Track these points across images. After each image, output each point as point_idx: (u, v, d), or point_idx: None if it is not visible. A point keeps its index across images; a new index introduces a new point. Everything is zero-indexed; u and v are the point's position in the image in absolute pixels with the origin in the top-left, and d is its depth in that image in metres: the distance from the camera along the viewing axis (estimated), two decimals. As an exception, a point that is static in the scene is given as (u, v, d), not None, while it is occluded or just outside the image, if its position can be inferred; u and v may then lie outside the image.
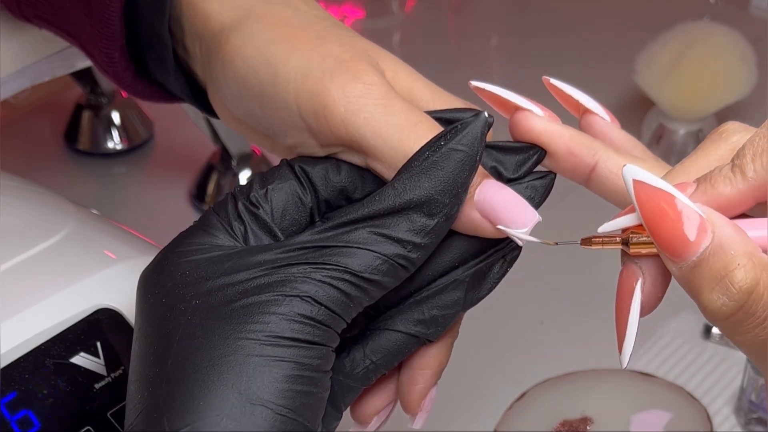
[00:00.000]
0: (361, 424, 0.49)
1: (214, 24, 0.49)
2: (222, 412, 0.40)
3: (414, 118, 0.44)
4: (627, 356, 0.41)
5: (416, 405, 0.48)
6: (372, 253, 0.43)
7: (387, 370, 0.47)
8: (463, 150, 0.43)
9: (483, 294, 0.47)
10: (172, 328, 0.42)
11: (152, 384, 0.42)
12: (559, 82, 0.49)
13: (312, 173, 0.45)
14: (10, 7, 0.57)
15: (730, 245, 0.39)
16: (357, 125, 0.44)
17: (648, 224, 0.39)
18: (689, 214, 0.39)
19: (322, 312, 0.42)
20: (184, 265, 0.43)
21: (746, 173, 0.40)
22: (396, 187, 0.43)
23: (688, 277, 0.39)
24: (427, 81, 0.48)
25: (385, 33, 1.16)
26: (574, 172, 0.46)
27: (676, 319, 0.83)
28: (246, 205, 0.45)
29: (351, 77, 0.45)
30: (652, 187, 0.39)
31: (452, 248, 0.46)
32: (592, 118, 0.48)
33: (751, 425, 0.75)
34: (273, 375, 0.41)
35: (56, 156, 0.98)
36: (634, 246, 0.41)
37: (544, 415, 0.73)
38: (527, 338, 0.82)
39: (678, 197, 0.39)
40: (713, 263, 0.39)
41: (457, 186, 0.43)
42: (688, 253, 0.39)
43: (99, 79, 0.96)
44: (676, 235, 0.39)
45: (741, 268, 0.38)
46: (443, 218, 0.43)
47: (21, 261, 0.53)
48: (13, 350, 0.50)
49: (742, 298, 0.38)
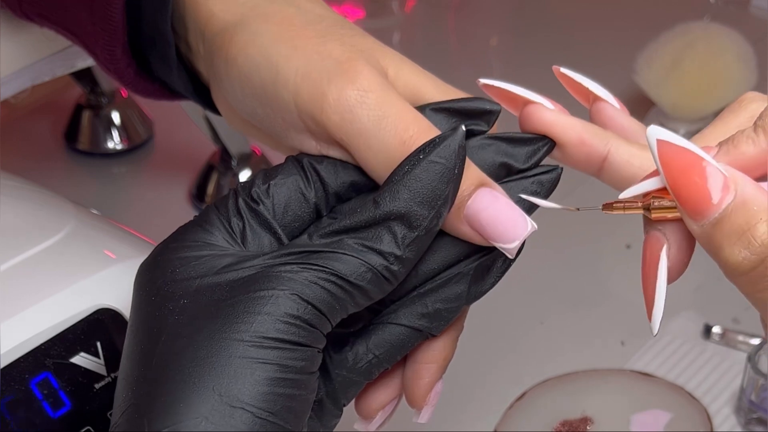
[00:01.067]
0: (365, 419, 0.49)
1: (218, 22, 0.49)
2: (202, 414, 0.40)
3: (404, 135, 0.45)
4: (657, 323, 0.42)
5: (422, 399, 0.48)
6: (359, 261, 0.43)
7: (390, 365, 0.47)
8: (441, 162, 0.43)
9: (486, 288, 0.47)
10: (160, 327, 0.42)
11: (136, 383, 0.42)
12: (569, 71, 0.49)
13: (320, 167, 0.46)
14: (11, 6, 0.57)
15: (753, 201, 0.39)
16: (350, 135, 0.45)
17: (671, 183, 0.40)
18: (712, 172, 0.39)
19: (308, 311, 0.42)
20: (175, 261, 0.44)
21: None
22: (377, 200, 0.44)
23: (709, 234, 0.39)
24: (431, 76, 0.49)
25: (385, 33, 1.16)
26: (587, 161, 0.46)
27: (676, 319, 0.83)
28: (246, 201, 0.45)
29: (347, 82, 0.45)
30: (676, 146, 0.40)
31: (456, 242, 0.46)
32: (602, 105, 0.48)
33: (751, 425, 0.75)
34: (255, 377, 0.41)
35: (56, 156, 0.98)
36: (656, 210, 0.41)
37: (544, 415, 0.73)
38: (527, 338, 0.82)
39: (702, 155, 0.39)
40: (735, 219, 0.39)
41: (436, 198, 0.43)
42: (710, 210, 0.39)
43: (99, 79, 0.96)
44: (699, 194, 0.39)
45: (763, 223, 0.39)
46: (423, 231, 0.44)
47: (21, 261, 0.53)
48: (13, 350, 0.50)
49: (764, 252, 0.39)
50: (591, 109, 0.49)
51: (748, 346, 0.80)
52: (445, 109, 0.46)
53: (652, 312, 0.42)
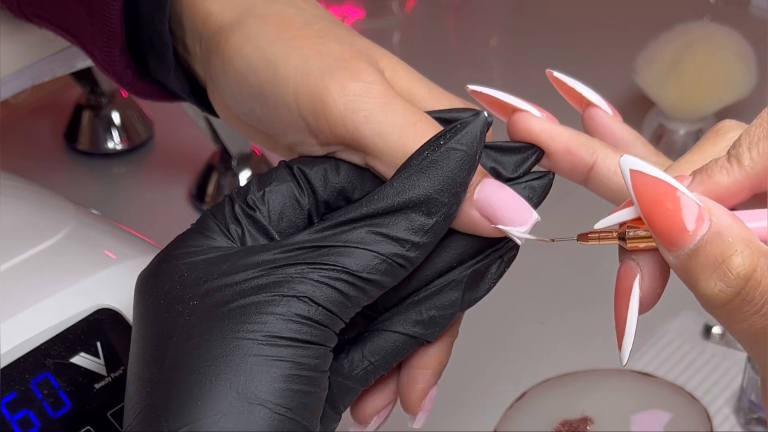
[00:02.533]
0: (360, 423, 0.49)
1: (215, 22, 0.49)
2: (220, 411, 0.40)
3: (414, 117, 0.44)
4: (626, 354, 0.41)
5: (416, 405, 0.48)
6: (370, 253, 0.43)
7: (385, 371, 0.47)
8: (462, 149, 0.43)
9: (481, 294, 0.47)
10: (170, 329, 0.42)
11: (150, 385, 0.42)
12: (563, 75, 0.49)
13: (310, 174, 0.45)
14: (10, 6, 0.57)
15: (728, 233, 0.39)
16: (356, 124, 0.44)
17: (645, 214, 0.39)
18: (687, 202, 0.39)
19: (319, 312, 0.42)
20: (181, 267, 0.43)
21: (742, 162, 0.40)
22: (395, 186, 0.43)
23: (685, 265, 0.39)
24: (426, 81, 0.48)
25: (385, 33, 1.16)
26: (572, 170, 0.46)
27: (676, 319, 0.83)
28: (243, 208, 0.45)
29: (350, 76, 0.45)
30: (649, 176, 0.39)
31: (450, 249, 0.46)
32: (595, 111, 0.48)
33: (751, 425, 0.75)
34: (271, 374, 0.41)
35: (56, 156, 0.98)
36: (631, 240, 0.41)
37: (544, 415, 0.73)
38: (527, 338, 0.82)
39: (676, 186, 0.39)
40: (710, 250, 0.39)
41: (456, 185, 0.43)
42: (685, 241, 0.39)
43: (99, 79, 0.96)
44: (674, 224, 0.39)
45: (738, 254, 0.38)
46: (442, 217, 0.43)
47: (21, 261, 0.53)
48: (13, 350, 0.50)
49: (740, 284, 0.38)
50: (583, 115, 0.48)
51: (748, 346, 0.80)
52: (438, 118, 0.46)
53: (622, 342, 0.41)
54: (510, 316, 0.82)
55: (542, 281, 0.86)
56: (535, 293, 0.85)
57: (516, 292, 0.82)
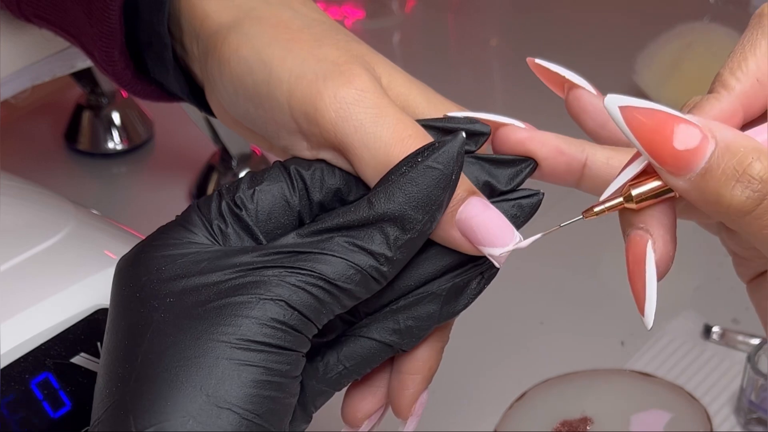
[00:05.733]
0: (351, 426, 0.49)
1: (212, 23, 0.49)
2: (189, 413, 0.40)
3: (403, 133, 0.44)
4: (651, 318, 0.41)
5: (407, 409, 0.48)
6: (346, 262, 0.43)
7: (359, 376, 0.47)
8: (438, 168, 0.43)
9: (459, 309, 0.47)
10: (144, 324, 0.42)
11: (121, 380, 0.42)
12: (544, 62, 0.49)
13: (306, 175, 0.45)
14: (9, 7, 0.57)
15: (737, 145, 0.39)
16: (346, 132, 0.44)
17: (646, 145, 0.39)
18: (685, 123, 0.39)
19: (294, 317, 0.42)
20: (160, 259, 0.43)
21: (729, 85, 0.40)
22: (371, 200, 0.43)
23: (699, 185, 0.39)
24: (423, 87, 0.48)
25: (385, 33, 1.16)
26: (567, 170, 0.46)
27: (676, 319, 0.83)
28: (230, 205, 0.45)
29: (344, 81, 0.45)
30: (641, 108, 0.39)
31: (432, 259, 0.46)
32: (579, 92, 0.48)
33: (751, 425, 0.75)
34: (242, 379, 0.41)
35: (56, 156, 0.98)
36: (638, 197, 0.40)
37: (544, 415, 0.73)
38: (527, 338, 0.82)
39: (670, 111, 0.39)
40: (725, 164, 0.38)
41: (431, 203, 0.43)
42: (695, 160, 0.39)
43: (99, 80, 0.96)
44: (678, 147, 0.39)
45: (756, 161, 0.38)
46: (416, 234, 0.44)
47: (21, 261, 0.54)
48: (13, 350, 0.50)
49: (765, 187, 0.38)
50: (567, 98, 0.48)
51: (748, 346, 0.80)
52: (435, 127, 0.46)
53: (644, 308, 0.41)
54: (510, 316, 0.82)
55: (542, 281, 0.86)
56: (535, 293, 0.85)
57: (516, 292, 0.82)
